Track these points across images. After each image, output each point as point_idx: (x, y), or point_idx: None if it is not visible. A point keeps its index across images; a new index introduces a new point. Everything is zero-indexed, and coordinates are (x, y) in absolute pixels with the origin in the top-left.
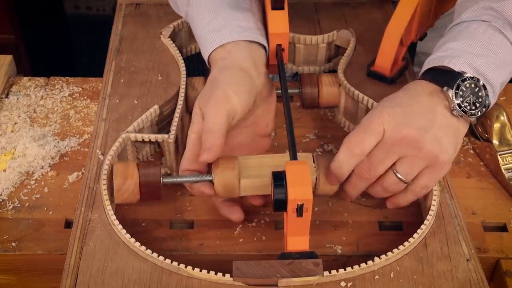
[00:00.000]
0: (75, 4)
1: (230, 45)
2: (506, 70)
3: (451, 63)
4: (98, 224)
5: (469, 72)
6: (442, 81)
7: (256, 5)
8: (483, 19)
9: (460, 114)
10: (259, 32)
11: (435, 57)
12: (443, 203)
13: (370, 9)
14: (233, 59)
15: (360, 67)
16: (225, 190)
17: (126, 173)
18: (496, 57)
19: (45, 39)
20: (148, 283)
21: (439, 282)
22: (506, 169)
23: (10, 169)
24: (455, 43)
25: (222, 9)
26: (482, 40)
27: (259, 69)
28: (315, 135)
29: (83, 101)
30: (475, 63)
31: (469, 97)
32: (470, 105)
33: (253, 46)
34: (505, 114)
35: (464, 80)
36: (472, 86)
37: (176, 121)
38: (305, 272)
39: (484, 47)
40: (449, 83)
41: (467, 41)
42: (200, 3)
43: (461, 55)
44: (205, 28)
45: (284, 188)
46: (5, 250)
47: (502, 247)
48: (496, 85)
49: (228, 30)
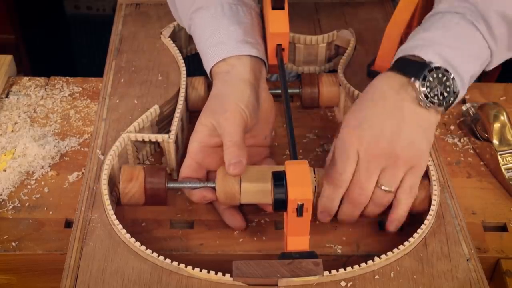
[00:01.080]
0: (75, 4)
1: (233, 59)
2: (476, 63)
3: (421, 52)
4: (98, 224)
5: (438, 62)
6: (409, 71)
7: (256, 19)
8: (457, 11)
9: (428, 105)
10: (259, 47)
11: (406, 46)
12: (443, 203)
13: (370, 9)
14: (237, 73)
15: (360, 67)
16: (227, 196)
17: (132, 174)
18: (467, 50)
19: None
20: (148, 283)
21: (439, 282)
22: (506, 169)
23: (10, 169)
24: (427, 33)
25: (223, 23)
26: (455, 32)
27: (261, 84)
28: (315, 135)
29: (83, 101)
30: (445, 53)
31: (437, 87)
32: (438, 95)
33: (254, 61)
34: (505, 114)
35: (431, 71)
36: (440, 76)
37: (176, 121)
38: (305, 272)
39: (456, 39)
40: (416, 74)
41: (440, 32)
42: (201, 17)
43: (432, 45)
44: (206, 43)
45: (284, 188)
46: (5, 250)
47: (502, 247)
48: (466, 76)
49: (229, 45)
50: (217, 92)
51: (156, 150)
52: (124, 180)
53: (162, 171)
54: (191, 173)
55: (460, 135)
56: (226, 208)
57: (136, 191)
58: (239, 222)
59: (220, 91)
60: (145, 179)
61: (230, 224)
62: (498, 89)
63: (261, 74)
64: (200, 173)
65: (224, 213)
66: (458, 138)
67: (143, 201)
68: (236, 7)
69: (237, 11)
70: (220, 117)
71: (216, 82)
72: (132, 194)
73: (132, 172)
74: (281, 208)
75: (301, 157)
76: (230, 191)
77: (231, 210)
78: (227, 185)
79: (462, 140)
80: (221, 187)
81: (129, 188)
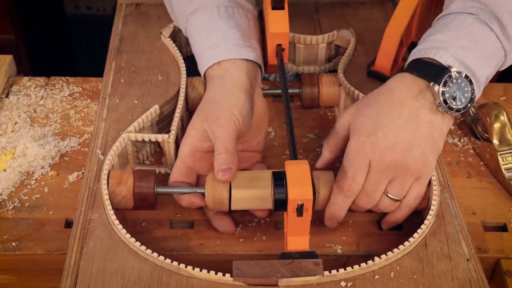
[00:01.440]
0: (75, 4)
1: (227, 63)
2: (491, 64)
3: (437, 55)
4: (98, 224)
5: (455, 65)
6: (428, 75)
7: (253, 22)
8: (470, 12)
9: (446, 110)
10: (255, 51)
11: (420, 48)
12: (443, 203)
13: (370, 9)
14: (232, 78)
15: (360, 67)
16: (216, 203)
17: (121, 178)
18: (482, 50)
19: (45, 39)
20: (148, 283)
21: (439, 282)
22: (506, 169)
23: (10, 169)
24: (441, 35)
25: (219, 26)
26: (469, 33)
27: (255, 89)
28: (315, 135)
29: (83, 101)
30: (461, 56)
31: (455, 92)
32: (456, 100)
33: (249, 65)
34: (505, 114)
35: (451, 76)
36: (459, 82)
37: (176, 121)
38: (305, 272)
39: (470, 40)
40: (435, 79)
41: (454, 33)
42: (197, 19)
43: (447, 47)
44: (201, 45)
45: (284, 188)
46: (5, 250)
47: (502, 247)
48: (482, 79)
49: (224, 48)
50: (211, 97)
51: (156, 150)
52: (113, 184)
53: (152, 176)
54: (181, 177)
55: (460, 135)
56: (215, 213)
57: (124, 195)
58: (229, 227)
59: (214, 96)
60: (134, 183)
61: (219, 229)
62: (498, 89)
63: (256, 80)
64: (190, 178)
65: (213, 218)
66: (458, 138)
67: (132, 205)
68: (232, 9)
69: (233, 14)
70: (213, 123)
71: (210, 86)
72: (120, 198)
73: (121, 176)
74: (281, 208)
75: (301, 157)
76: (219, 198)
77: (220, 215)
78: (216, 191)
79: (462, 140)
80: (210, 193)
81: (117, 191)
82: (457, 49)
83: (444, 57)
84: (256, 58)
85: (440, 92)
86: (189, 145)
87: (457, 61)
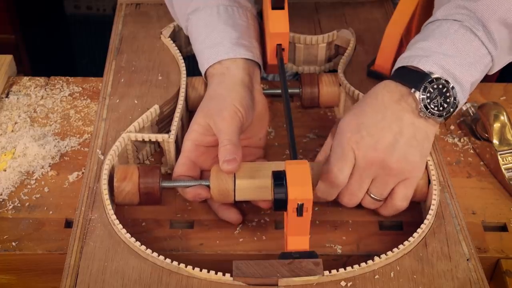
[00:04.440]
0: (75, 4)
1: (228, 61)
2: (476, 70)
3: (420, 63)
4: (98, 224)
5: (437, 72)
6: (410, 82)
7: (252, 22)
8: (455, 18)
9: (428, 115)
10: (254, 50)
11: (405, 56)
12: (443, 203)
13: (370, 9)
14: (232, 75)
15: (360, 67)
16: (221, 194)
17: (126, 173)
18: (466, 57)
19: (45, 39)
20: (148, 282)
21: (439, 282)
22: (506, 169)
23: (10, 168)
24: (426, 43)
25: (219, 25)
26: (453, 40)
27: (255, 86)
28: (315, 135)
29: (83, 101)
30: (444, 63)
31: (437, 98)
32: (438, 106)
33: (249, 63)
34: (505, 114)
35: (432, 82)
36: (440, 87)
37: (176, 121)
38: (305, 272)
39: (454, 47)
40: (416, 85)
41: (438, 40)
42: (197, 19)
43: (431, 55)
44: (202, 44)
45: (284, 187)
46: (5, 249)
47: (502, 247)
48: (466, 84)
49: (224, 47)
50: (213, 93)
51: (156, 150)
52: (118, 179)
53: (157, 170)
54: (185, 171)
55: (460, 135)
56: (220, 204)
57: (129, 190)
58: (235, 215)
59: (216, 92)
60: (139, 179)
61: (226, 218)
62: (498, 89)
63: (255, 77)
64: (194, 172)
65: (218, 209)
66: (458, 138)
67: (137, 200)
68: (232, 9)
69: (232, 13)
70: (217, 117)
71: (211, 83)
72: (126, 193)
73: (126, 171)
74: (281, 208)
75: (301, 157)
76: (224, 188)
77: (226, 205)
78: (221, 182)
79: (462, 140)
80: (215, 184)
81: (122, 187)
82: (440, 56)
83: (427, 65)
84: (255, 56)
85: (420, 99)
86: (192, 140)
87: (440, 67)
